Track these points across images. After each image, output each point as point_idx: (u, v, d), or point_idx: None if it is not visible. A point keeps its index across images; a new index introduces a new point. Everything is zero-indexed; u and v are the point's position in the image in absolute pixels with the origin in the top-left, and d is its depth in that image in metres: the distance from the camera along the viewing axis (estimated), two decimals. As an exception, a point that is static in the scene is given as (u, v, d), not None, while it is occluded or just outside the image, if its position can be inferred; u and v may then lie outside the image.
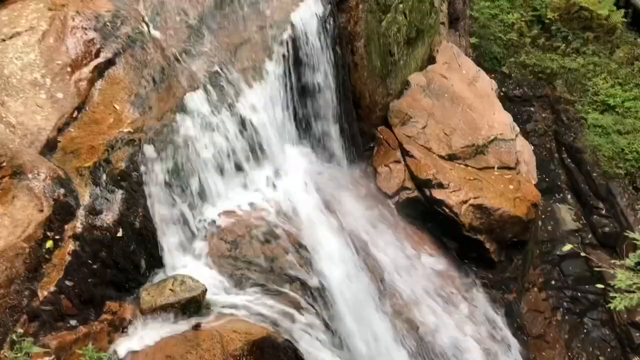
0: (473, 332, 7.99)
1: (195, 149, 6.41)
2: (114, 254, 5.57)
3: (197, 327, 5.47)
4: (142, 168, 5.97)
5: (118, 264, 5.62)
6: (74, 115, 5.99)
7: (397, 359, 7.31)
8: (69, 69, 6.05)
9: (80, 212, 5.45)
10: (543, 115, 12.18)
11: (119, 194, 5.74)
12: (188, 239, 6.34)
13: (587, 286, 9.94)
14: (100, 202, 5.63)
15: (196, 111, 6.47)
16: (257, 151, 7.00)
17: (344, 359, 6.45)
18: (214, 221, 6.50)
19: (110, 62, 6.32)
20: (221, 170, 6.67)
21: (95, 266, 5.42)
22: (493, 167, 9.16)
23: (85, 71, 6.16)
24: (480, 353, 7.97)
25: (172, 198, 6.21)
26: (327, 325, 6.32)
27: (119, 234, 5.61)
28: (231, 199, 6.73)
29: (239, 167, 6.87)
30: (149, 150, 6.06)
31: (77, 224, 5.38)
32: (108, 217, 5.59)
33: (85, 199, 5.54)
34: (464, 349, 7.76)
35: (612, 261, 5.61)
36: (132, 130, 6.06)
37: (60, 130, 5.78)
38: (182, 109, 6.44)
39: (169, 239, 6.14)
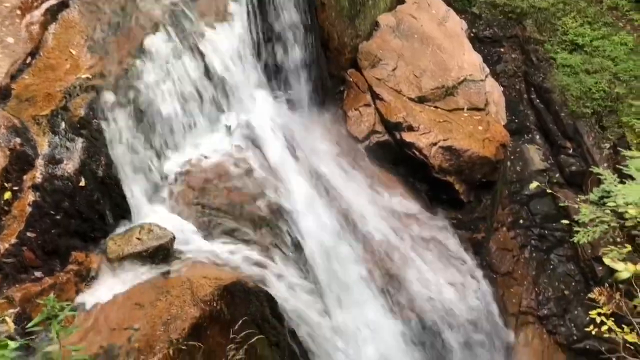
0: (443, 271, 8.14)
1: (158, 95, 6.21)
2: (78, 203, 5.44)
3: (166, 274, 5.43)
4: (103, 115, 5.77)
5: (82, 214, 5.50)
6: (28, 61, 5.73)
7: (369, 301, 7.43)
8: (18, 12, 5.75)
9: (39, 162, 5.28)
10: (513, 56, 12.09)
11: (80, 142, 5.57)
12: (154, 187, 6.22)
13: (553, 224, 10.14)
14: (60, 151, 5.45)
15: (157, 55, 6.23)
16: (222, 96, 6.81)
17: (315, 303, 6.52)
18: (180, 169, 6.37)
19: (63, 4, 6.03)
20: (186, 117, 6.49)
21: (58, 217, 5.29)
22: (462, 109, 9.14)
23: (37, 14, 5.86)
24: (449, 291, 8.15)
25: (135, 146, 6.05)
26: (298, 270, 6.34)
27: (82, 183, 5.47)
28: (198, 146, 6.59)
29: (204, 113, 6.69)
30: (108, 96, 5.86)
31: (37, 174, 5.22)
32: (69, 166, 5.43)
33: (43, 148, 5.36)
34: (434, 287, 7.91)
35: (578, 197, 5.69)
36: (90, 76, 5.83)
37: (13, 77, 5.54)
38: (142, 52, 6.19)
39: (134, 188, 6.01)
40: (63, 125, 5.53)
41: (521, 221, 10.34)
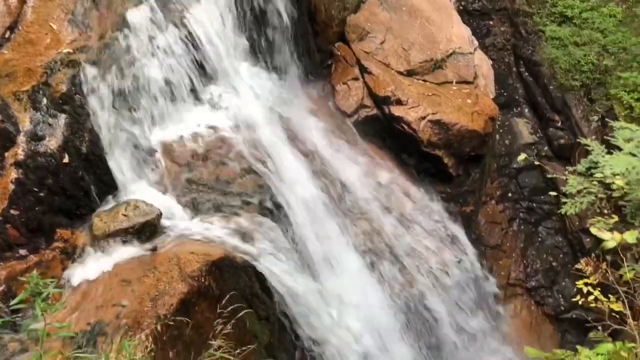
0: (431, 245, 8.17)
1: (141, 69, 6.10)
2: (62, 180, 5.37)
3: (153, 250, 5.40)
4: (85, 90, 5.67)
5: (66, 191, 5.43)
6: (6, 36, 5.61)
7: (360, 277, 7.45)
8: (-6, -16, 5.58)
9: (21, 139, 5.21)
10: (502, 29, 11.99)
11: (62, 119, 5.48)
12: (140, 163, 6.14)
13: (542, 197, 10.18)
14: (42, 128, 5.37)
15: (140, 28, 6.10)
16: (207, 69, 6.71)
17: (305, 278, 6.52)
18: (165, 144, 6.30)
19: (41, -24, 5.85)
20: (170, 91, 6.40)
21: (42, 194, 5.23)
22: (451, 82, 9.07)
23: (15, -13, 5.70)
24: (439, 264, 8.19)
25: (120, 121, 5.97)
26: (286, 244, 6.32)
27: (65, 159, 5.39)
28: (183, 120, 6.50)
29: (189, 87, 6.59)
30: (91, 71, 5.75)
31: (19, 151, 5.14)
32: (52, 143, 5.35)
33: (25, 124, 5.28)
34: (422, 260, 7.94)
35: (566, 169, 5.69)
36: (71, 51, 5.72)
37: (-9, 51, 5.41)
38: (125, 26, 6.07)
39: (119, 164, 5.94)
40: (45, 101, 5.43)
41: (510, 194, 10.37)
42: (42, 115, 5.38)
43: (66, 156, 5.40)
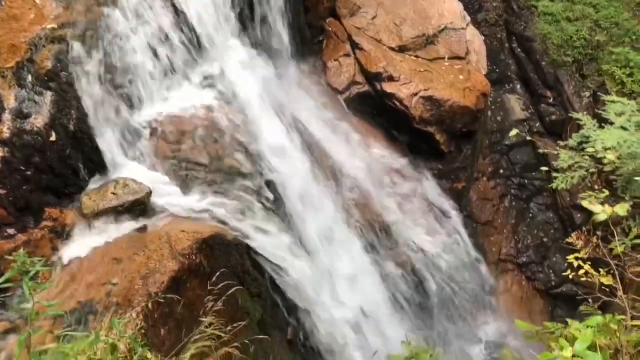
0: (424, 221, 8.18)
1: (129, 45, 5.99)
2: (49, 159, 5.30)
3: (143, 228, 5.36)
4: (71, 67, 5.56)
5: (54, 169, 5.36)
6: (-12, 11, 5.45)
7: (352, 252, 7.45)
8: (-25, -42, 5.43)
9: (6, 116, 5.11)
10: (494, 4, 11.87)
11: (48, 96, 5.38)
12: (129, 140, 6.06)
13: (533, 173, 10.20)
14: (28, 105, 5.27)
15: (127, 3, 5.98)
16: (196, 46, 6.60)
17: (297, 254, 6.51)
18: (155, 121, 6.21)
19: (23, -51, 5.69)
20: (159, 67, 6.29)
21: (29, 172, 5.15)
22: (443, 58, 9.00)
23: (-4, -40, 5.56)
24: (431, 240, 8.21)
25: (107, 98, 5.86)
26: (278, 221, 6.29)
27: (52, 137, 5.31)
28: (172, 98, 6.40)
29: (177, 64, 6.49)
30: (76, 47, 5.63)
31: (4, 129, 5.05)
32: (38, 121, 5.26)
33: (10, 102, 5.18)
34: (414, 236, 7.96)
35: (557, 144, 5.67)
36: (56, 27, 5.59)
37: (-27, 28, 5.28)
38: (111, 1, 5.94)
39: (108, 142, 5.86)
40: (30, 78, 5.33)
41: (501, 171, 10.38)
42: (27, 92, 5.28)
43: (53, 134, 5.32)
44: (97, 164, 5.79)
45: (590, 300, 3.94)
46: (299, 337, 6.47)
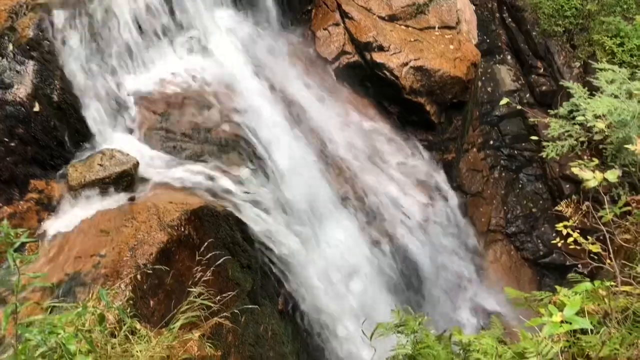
0: (413, 192, 8.17)
1: (113, 13, 5.84)
2: (33, 130, 5.19)
3: (131, 200, 5.30)
4: (54, 36, 5.42)
5: (39, 141, 5.26)
6: (-33, -22, 5.28)
7: (342, 222, 7.45)
8: None
9: (-13, 87, 4.98)
10: (485, -27, 11.74)
11: (30, 65, 5.25)
12: (115, 111, 5.95)
13: (523, 144, 10.23)
14: (10, 75, 5.14)
15: (109, -30, 5.81)
16: (182, 14, 6.45)
17: (286, 223, 6.49)
18: (141, 92, 6.09)
19: None
20: (144, 36, 6.15)
21: (12, 144, 5.05)
22: (434, 27, 8.90)
23: None
24: (421, 211, 8.22)
25: (92, 68, 5.74)
26: (267, 192, 6.25)
27: (36, 108, 5.19)
28: (159, 68, 6.29)
29: (164, 32, 6.35)
30: (59, 15, 5.48)
31: (-15, 100, 4.92)
32: (20, 91, 5.14)
33: (-10, 71, 5.04)
34: (405, 208, 7.96)
35: (548, 112, 5.64)
36: (37, -7, 5.42)
37: (-50, -5, 5.12)
38: (93, -33, 5.76)
39: (93, 113, 5.75)
40: (10, 47, 5.19)
41: (491, 142, 10.38)
42: (8, 62, 5.15)
43: (37, 105, 5.20)
44: (83, 135, 5.69)
45: (579, 266, 3.96)
46: (290, 307, 6.50)
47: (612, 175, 2.91)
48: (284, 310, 6.51)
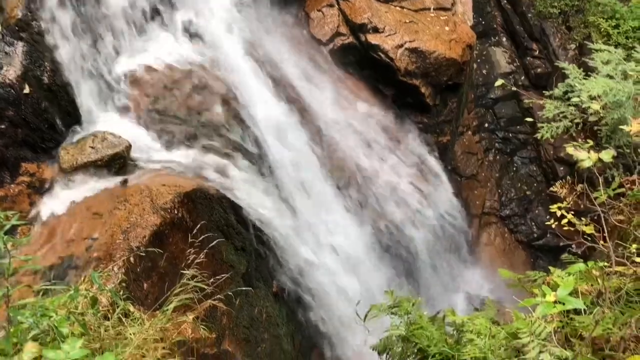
0: (408, 175, 8.16)
1: (103, -6, 5.75)
2: (23, 112, 5.13)
3: (124, 183, 5.26)
4: (43, 16, 5.33)
5: (30, 123, 5.20)
6: (-48, -43, 5.17)
7: (336, 209, 7.43)
8: None
9: (-24, 68, 4.90)
10: (481, -47, 11.62)
11: (20, 47, 5.18)
12: (107, 94, 5.89)
13: (518, 126, 10.21)
14: (-1, 56, 5.06)
15: (98, -52, 5.71)
16: (174, -6, 6.36)
17: (281, 208, 6.47)
18: (133, 74, 6.02)
19: None
20: (135, 17, 6.07)
21: (3, 126, 4.99)
22: (429, 9, 8.81)
23: None
24: (415, 194, 8.21)
25: (82, 50, 5.66)
26: (261, 176, 6.22)
27: (26, 90, 5.13)
28: (149, 49, 6.20)
29: (156, 13, 6.26)
30: (48, -4, 5.38)
31: (-26, 81, 4.85)
32: (10, 73, 5.07)
33: (-21, 53, 4.96)
34: (400, 191, 7.95)
35: (543, 93, 5.61)
36: (25, -27, 5.31)
37: (-64, -25, 5.01)
38: (82, -54, 5.66)
39: (85, 95, 5.69)
40: (-1, 27, 5.10)
41: (486, 125, 10.35)
42: (-3, 43, 5.07)
43: (26, 86, 5.13)
44: (75, 118, 5.63)
45: (573, 246, 3.96)
46: (285, 290, 6.51)
47: (607, 155, 2.90)
48: (278, 292, 6.52)
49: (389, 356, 3.70)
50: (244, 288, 5.24)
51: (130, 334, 3.44)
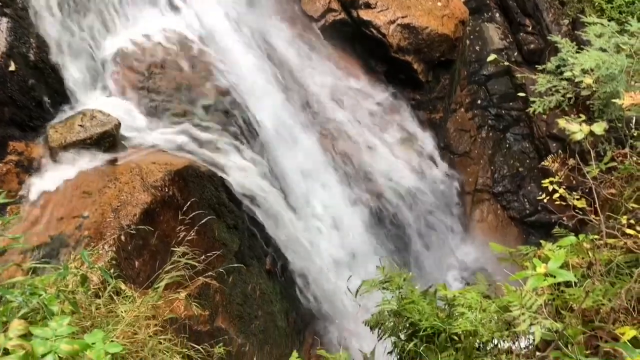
0: (401, 153, 8.14)
1: (89, -32, 5.63)
2: (9, 90, 5.04)
3: (113, 161, 5.21)
4: (27, -9, 5.22)
5: (16, 102, 5.12)
6: None
7: (330, 184, 7.42)
8: None
9: (-41, 45, 4.81)
10: None
11: (4, 23, 5.07)
12: (95, 71, 5.81)
13: (510, 103, 10.17)
14: (-18, 33, 4.96)
15: None
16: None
17: (274, 187, 6.45)
18: (121, 50, 5.93)
19: None
20: (122, -7, 5.96)
21: (-12, 104, 4.92)
22: (421, -17, 8.70)
23: None
24: (408, 172, 8.20)
25: (69, 25, 5.56)
26: (253, 154, 6.18)
27: (11, 67, 5.04)
28: (138, 25, 6.11)
29: (143, -11, 6.15)
30: (32, -31, 5.26)
31: (-42, 59, 4.76)
32: (-6, 50, 4.97)
33: (-38, 29, 4.86)
34: (392, 167, 7.93)
35: (535, 68, 5.57)
36: (8, -54, 5.19)
37: None
38: None
39: (73, 72, 5.60)
40: (-19, 3, 5.00)
41: (479, 101, 10.30)
42: (-20, 19, 4.96)
43: (12, 64, 5.04)
44: (63, 96, 5.55)
45: (564, 219, 3.96)
46: (278, 267, 6.51)
47: (599, 127, 2.88)
48: (271, 269, 6.53)
49: (381, 331, 3.71)
50: (236, 265, 5.23)
51: (122, 312, 3.42)
